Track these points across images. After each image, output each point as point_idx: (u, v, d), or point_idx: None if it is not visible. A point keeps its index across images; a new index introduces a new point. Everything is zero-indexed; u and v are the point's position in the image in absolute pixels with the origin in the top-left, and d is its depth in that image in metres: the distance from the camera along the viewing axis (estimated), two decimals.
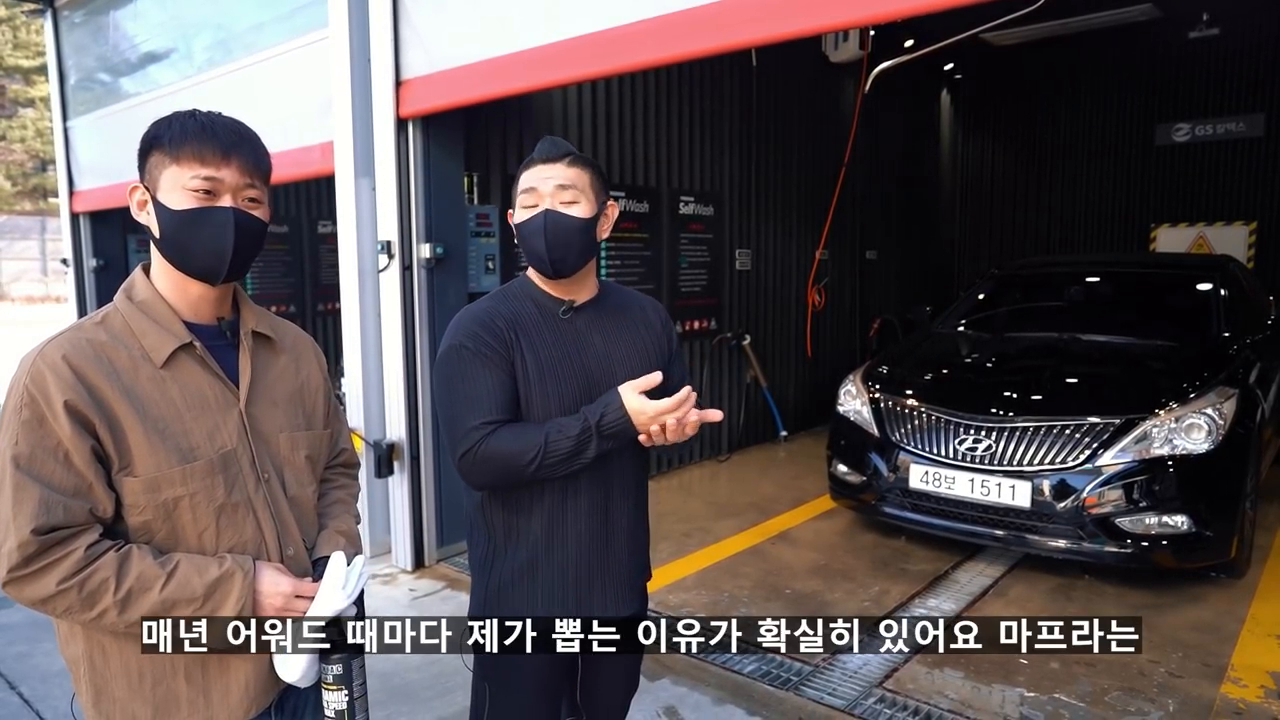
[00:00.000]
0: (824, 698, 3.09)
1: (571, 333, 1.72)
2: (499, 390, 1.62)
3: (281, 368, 1.47)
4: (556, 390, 1.66)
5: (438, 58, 3.97)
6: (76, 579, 1.19)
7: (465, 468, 1.62)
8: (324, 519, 1.53)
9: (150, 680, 1.32)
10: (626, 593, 1.79)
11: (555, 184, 1.65)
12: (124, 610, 1.22)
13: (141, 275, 1.37)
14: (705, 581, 4.22)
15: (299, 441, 1.46)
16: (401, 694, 3.17)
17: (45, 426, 1.20)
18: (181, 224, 1.29)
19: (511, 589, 1.72)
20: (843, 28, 6.55)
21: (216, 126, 1.31)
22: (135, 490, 1.26)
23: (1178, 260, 6.63)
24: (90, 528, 1.23)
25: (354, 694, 1.38)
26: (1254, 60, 8.44)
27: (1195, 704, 3.02)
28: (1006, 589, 4.08)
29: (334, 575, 1.37)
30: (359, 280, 4.40)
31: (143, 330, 1.31)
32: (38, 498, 1.18)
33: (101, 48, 6.79)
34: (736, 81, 6.66)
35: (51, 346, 1.25)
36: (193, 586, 1.26)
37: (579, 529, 1.71)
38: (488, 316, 1.68)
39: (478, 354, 1.63)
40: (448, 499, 4.46)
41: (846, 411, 4.76)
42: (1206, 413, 3.86)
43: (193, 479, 1.29)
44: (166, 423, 1.28)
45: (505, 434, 1.59)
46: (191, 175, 1.28)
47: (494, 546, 1.75)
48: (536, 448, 1.57)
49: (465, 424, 1.60)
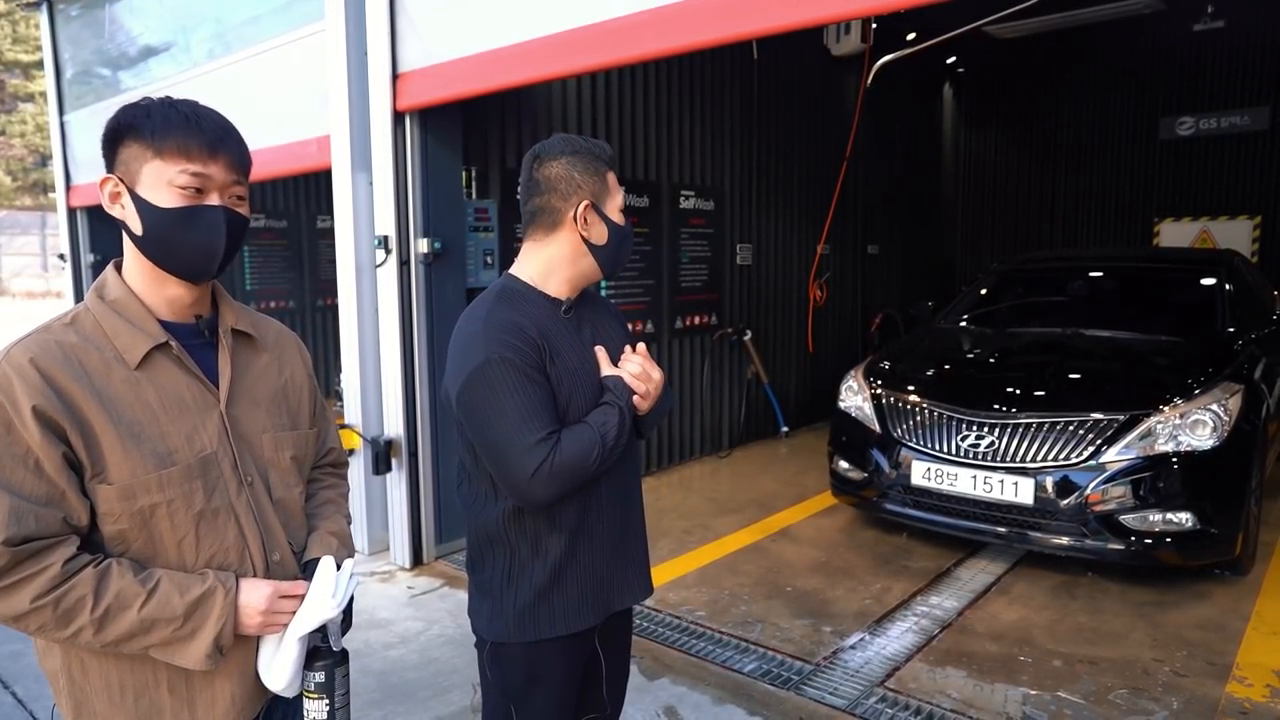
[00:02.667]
0: (825, 697, 3.06)
1: (572, 330, 1.71)
2: (547, 398, 1.59)
3: (264, 366, 1.43)
4: (583, 387, 1.65)
5: (435, 50, 3.93)
6: (52, 596, 1.15)
7: (538, 486, 1.53)
8: (314, 520, 1.49)
9: (132, 694, 1.28)
10: (642, 580, 1.83)
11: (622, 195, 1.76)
12: (100, 630, 1.18)
13: (114, 273, 1.32)
14: (706, 579, 4.19)
15: (283, 442, 1.42)
16: (399, 694, 3.14)
17: (13, 433, 1.15)
18: (170, 223, 1.24)
19: (540, 603, 1.67)
20: (845, 18, 6.48)
21: (202, 119, 1.26)
22: (110, 498, 1.21)
23: (1181, 255, 6.58)
24: (66, 540, 1.19)
25: (335, 704, 1.33)
26: (1259, 53, 8.39)
27: (1200, 703, 2.99)
28: (1009, 586, 4.05)
29: (323, 583, 1.33)
30: (356, 275, 4.36)
31: (115, 330, 1.26)
32: (8, 507, 1.13)
33: (98, 41, 6.74)
34: (737, 74, 6.61)
35: (17, 349, 1.19)
36: (173, 606, 1.21)
37: (603, 527, 1.71)
38: (515, 326, 1.60)
39: (519, 365, 1.56)
40: (446, 496, 4.43)
41: (848, 407, 4.73)
42: (1211, 409, 3.83)
43: (170, 485, 1.24)
44: (142, 426, 1.23)
45: (568, 440, 1.57)
46: (179, 171, 1.23)
47: (518, 564, 1.68)
48: (596, 443, 1.57)
49: (527, 440, 1.52)
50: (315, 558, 1.40)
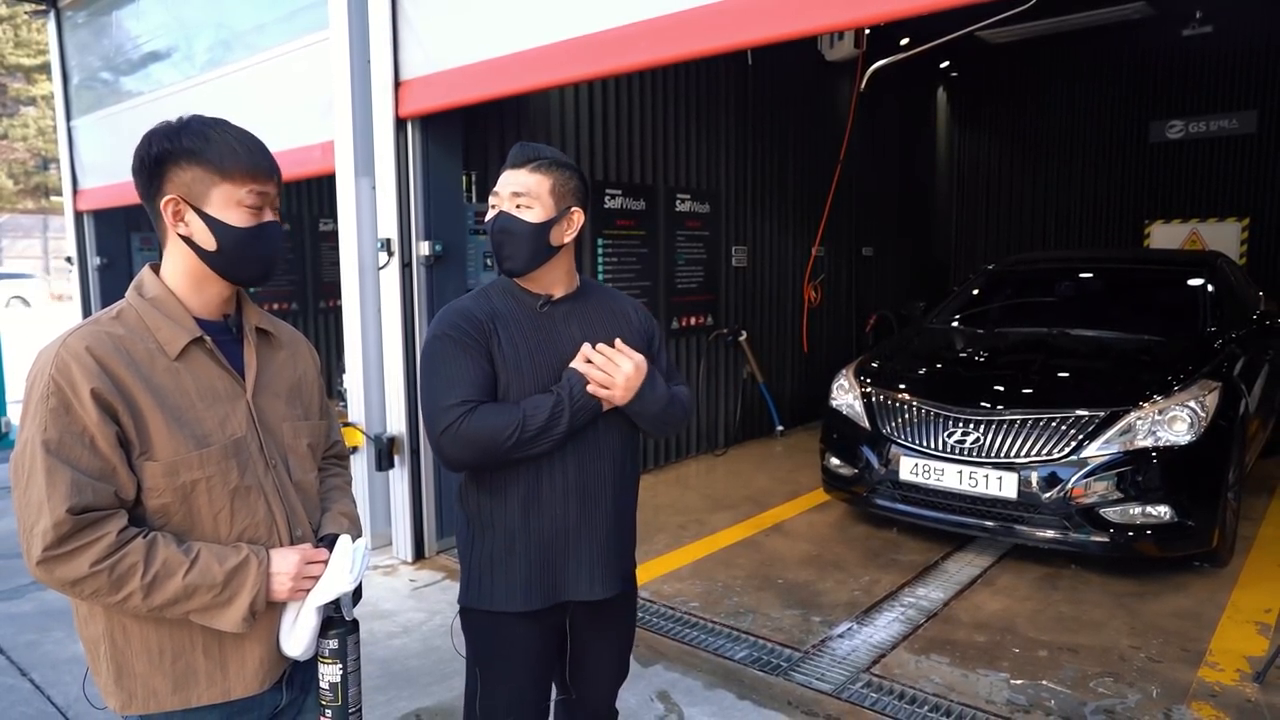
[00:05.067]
0: (812, 682, 3.17)
1: (549, 324, 1.80)
2: (478, 373, 1.71)
3: (281, 362, 1.56)
4: (533, 373, 1.75)
5: (436, 58, 4.05)
6: (108, 562, 1.27)
7: (445, 444, 1.69)
8: (326, 502, 1.62)
9: (170, 656, 1.39)
10: (604, 574, 1.83)
11: (511, 189, 1.79)
12: (149, 594, 1.30)
13: (150, 274, 1.45)
14: (699, 572, 4.31)
15: (300, 430, 1.55)
16: (402, 679, 3.25)
17: (72, 413, 1.28)
18: (245, 239, 1.40)
19: (490, 572, 1.80)
20: (838, 29, 6.60)
21: (253, 144, 1.42)
22: (155, 474, 1.33)
23: (1167, 256, 6.70)
24: (118, 513, 1.31)
25: (348, 668, 1.46)
26: (1246, 58, 8.52)
27: (1173, 687, 3.10)
28: (994, 578, 4.17)
29: (341, 558, 1.46)
30: (359, 277, 4.47)
31: (156, 325, 1.39)
32: (69, 479, 1.25)
33: (104, 47, 6.86)
34: (732, 79, 6.73)
35: (74, 339, 1.32)
36: (213, 573, 1.34)
37: (554, 511, 1.78)
38: (467, 310, 1.78)
39: (458, 341, 1.72)
40: (447, 492, 4.54)
41: (839, 405, 4.85)
42: (1189, 405, 3.95)
43: (209, 463, 1.37)
44: (182, 411, 1.37)
45: (484, 411, 1.68)
46: (247, 191, 1.39)
47: (474, 530, 1.83)
48: (515, 423, 1.66)
49: (444, 402, 1.69)
50: (331, 533, 1.52)
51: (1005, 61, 9.58)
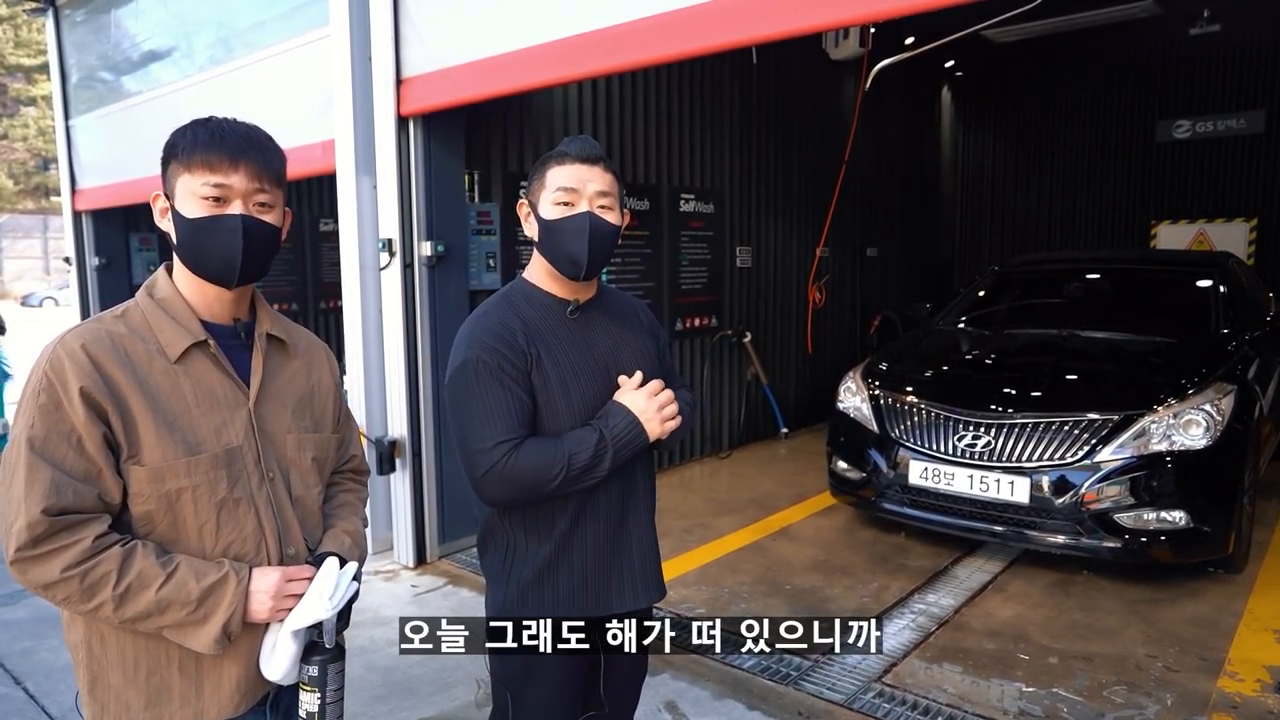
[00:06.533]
0: (823, 692, 3.11)
1: (581, 333, 1.72)
2: (518, 405, 1.60)
3: (293, 371, 1.50)
4: (579, 392, 1.66)
5: (438, 56, 3.99)
6: (80, 568, 1.22)
7: (487, 486, 1.59)
8: (331, 519, 1.55)
9: (145, 670, 1.34)
10: (641, 586, 1.79)
11: (597, 189, 1.65)
12: (120, 606, 1.24)
13: (164, 274, 1.42)
14: (706, 577, 4.24)
15: (305, 443, 1.48)
16: (404, 689, 3.19)
17: (60, 411, 1.24)
18: (194, 231, 1.34)
19: (530, 592, 1.72)
20: (844, 25, 6.56)
21: (226, 133, 1.35)
22: (141, 479, 1.28)
23: (1177, 257, 6.64)
24: (99, 518, 1.26)
25: (326, 698, 1.38)
26: (1255, 57, 8.45)
27: (1192, 698, 3.04)
28: (1005, 584, 4.10)
29: (322, 584, 1.39)
30: (360, 278, 4.41)
31: (160, 326, 1.35)
32: (49, 479, 1.21)
33: (103, 46, 6.81)
34: (737, 78, 6.67)
35: (71, 335, 1.29)
36: (188, 590, 1.28)
37: (596, 529, 1.72)
38: (502, 328, 1.64)
39: (496, 369, 1.60)
40: (449, 496, 4.48)
41: (846, 408, 4.78)
42: (1204, 409, 3.88)
43: (196, 471, 1.32)
44: (175, 416, 1.32)
45: (528, 450, 1.58)
46: (202, 183, 1.32)
47: (513, 553, 1.74)
48: (561, 464, 1.57)
49: (485, 441, 1.57)
50: (323, 553, 1.45)
51: (1011, 61, 9.51)
